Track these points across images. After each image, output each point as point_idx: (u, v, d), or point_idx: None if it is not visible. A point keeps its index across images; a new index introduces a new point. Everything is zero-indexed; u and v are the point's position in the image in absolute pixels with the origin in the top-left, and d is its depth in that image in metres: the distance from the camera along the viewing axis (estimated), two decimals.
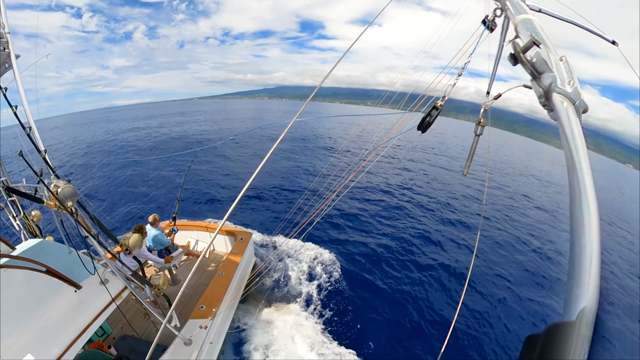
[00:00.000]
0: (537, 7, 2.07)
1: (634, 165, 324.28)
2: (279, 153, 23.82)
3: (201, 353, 4.91)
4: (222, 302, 5.90)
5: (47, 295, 3.40)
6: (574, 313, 0.81)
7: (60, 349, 3.19)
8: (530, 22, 1.67)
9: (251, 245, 8.35)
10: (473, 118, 2.69)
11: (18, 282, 3.11)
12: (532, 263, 11.21)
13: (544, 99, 1.50)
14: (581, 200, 1.02)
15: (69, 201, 3.09)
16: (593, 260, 0.89)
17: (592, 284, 0.85)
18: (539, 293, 9.19)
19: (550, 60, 1.45)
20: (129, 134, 39.76)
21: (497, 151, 49.40)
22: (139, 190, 16.63)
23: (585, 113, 1.33)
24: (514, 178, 28.70)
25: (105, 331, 5.39)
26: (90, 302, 3.78)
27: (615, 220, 19.97)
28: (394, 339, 7.08)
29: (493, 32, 2.42)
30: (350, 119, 61.29)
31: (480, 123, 2.35)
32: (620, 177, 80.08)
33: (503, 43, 2.57)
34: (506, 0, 1.93)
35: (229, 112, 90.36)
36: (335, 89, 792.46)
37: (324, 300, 8.03)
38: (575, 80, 1.37)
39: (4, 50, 3.80)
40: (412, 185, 19.21)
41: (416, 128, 2.91)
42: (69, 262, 3.91)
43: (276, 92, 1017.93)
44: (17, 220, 5.30)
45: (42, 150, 3.58)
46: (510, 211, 17.10)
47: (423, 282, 9.07)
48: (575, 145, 1.17)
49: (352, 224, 12.52)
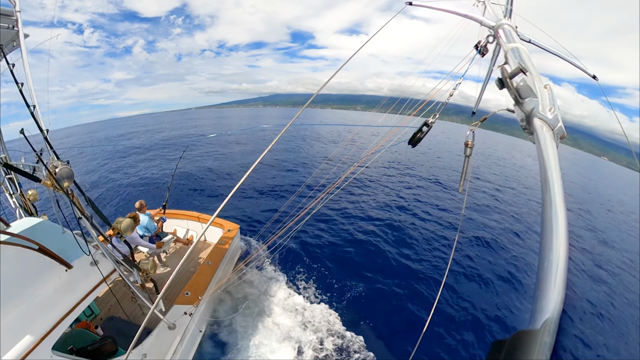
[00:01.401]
0: (527, 38, 2.14)
1: (609, 157, 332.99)
2: (273, 154, 23.73)
3: (184, 338, 4.86)
4: (207, 290, 5.87)
5: (38, 272, 3.32)
6: (538, 322, 0.85)
7: (48, 325, 3.13)
8: (519, 50, 1.73)
9: (237, 237, 8.34)
10: (457, 119, 2.74)
11: (9, 258, 3.04)
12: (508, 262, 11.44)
13: (525, 123, 1.55)
14: (551, 218, 1.06)
15: (66, 182, 3.03)
16: (559, 275, 0.93)
17: (556, 297, 0.89)
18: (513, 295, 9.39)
19: (535, 87, 1.50)
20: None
21: (481, 146, 50.55)
22: (130, 180, 16.39)
23: (562, 139, 1.38)
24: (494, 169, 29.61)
25: (94, 311, 5.30)
26: (80, 282, 3.71)
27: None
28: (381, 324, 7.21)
29: (483, 57, 2.49)
30: (345, 126, 61.72)
31: (468, 145, 2.40)
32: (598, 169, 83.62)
33: (492, 68, 2.64)
34: (499, 28, 1.99)
35: (227, 117, 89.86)
36: (327, 95, 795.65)
37: (306, 286, 8.13)
38: (556, 108, 1.41)
39: (13, 28, 3.72)
40: (400, 182, 19.44)
41: (407, 143, 2.95)
42: (61, 242, 3.84)
43: (270, 100, 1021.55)
44: (14, 198, 5.17)
45: (44, 130, 3.50)
46: (491, 200, 17.63)
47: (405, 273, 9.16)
48: (550, 168, 1.22)
49: (338, 220, 12.56)
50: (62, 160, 3.13)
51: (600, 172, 79.55)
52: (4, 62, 3.64)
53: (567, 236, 1.01)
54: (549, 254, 0.98)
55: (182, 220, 8.78)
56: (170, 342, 4.58)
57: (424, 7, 2.63)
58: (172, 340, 4.62)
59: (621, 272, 12.00)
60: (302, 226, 5.55)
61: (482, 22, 2.28)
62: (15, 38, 3.83)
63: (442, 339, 7.13)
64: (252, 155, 23.77)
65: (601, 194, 34.09)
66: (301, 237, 10.67)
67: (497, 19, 2.19)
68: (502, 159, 42.81)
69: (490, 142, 67.93)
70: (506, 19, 2.15)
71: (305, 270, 8.92)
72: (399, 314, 7.89)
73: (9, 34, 3.73)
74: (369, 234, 11.97)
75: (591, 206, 23.70)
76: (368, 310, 7.78)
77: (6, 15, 3.56)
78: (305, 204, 5.48)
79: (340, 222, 12.84)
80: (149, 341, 4.37)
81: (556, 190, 1.14)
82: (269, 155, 22.03)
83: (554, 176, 1.18)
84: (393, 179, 21.10)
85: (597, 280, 10.82)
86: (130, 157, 20.32)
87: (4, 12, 3.54)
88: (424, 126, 2.84)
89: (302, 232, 10.70)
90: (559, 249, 0.97)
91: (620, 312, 9.00)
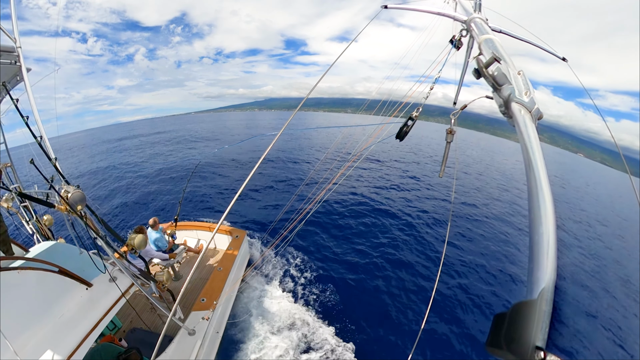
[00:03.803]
0: (498, 28, 2.14)
1: (584, 154, 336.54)
2: (270, 161, 23.66)
3: (204, 342, 4.84)
4: (222, 294, 5.84)
5: (60, 293, 3.29)
6: (535, 292, 0.84)
7: (75, 343, 3.09)
8: (492, 41, 1.73)
9: (245, 242, 8.31)
10: (441, 119, 2.76)
11: (32, 282, 3.01)
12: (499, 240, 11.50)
13: (504, 108, 1.54)
14: (537, 194, 1.06)
15: (79, 205, 3.00)
16: (550, 246, 0.93)
17: (550, 267, 0.88)
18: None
19: (509, 74, 1.50)
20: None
21: (462, 145, 50.73)
22: (142, 193, 16.32)
23: (540, 120, 1.38)
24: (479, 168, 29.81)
25: (116, 325, 5.26)
26: (101, 298, 3.67)
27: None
28: (377, 322, 7.14)
29: (459, 50, 2.49)
30: (334, 124, 61.93)
31: (451, 132, 2.40)
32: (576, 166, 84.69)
33: (468, 60, 2.65)
34: (471, 22, 1.99)
35: (226, 122, 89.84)
36: (319, 99, 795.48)
37: (311, 286, 8.09)
38: (531, 91, 1.41)
39: (15, 63, 3.68)
40: (391, 179, 19.45)
41: (395, 137, 2.94)
42: (79, 262, 3.80)
43: (265, 104, 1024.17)
44: (30, 224, 5.13)
45: (53, 158, 3.47)
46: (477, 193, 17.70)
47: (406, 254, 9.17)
48: (532, 147, 1.21)
49: (336, 221, 12.56)
50: (72, 184, 3.10)
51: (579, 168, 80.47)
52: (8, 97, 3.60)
53: (554, 209, 1.00)
54: (538, 227, 0.97)
55: (192, 231, 8.75)
56: (191, 347, 4.56)
57: (399, 8, 2.64)
58: (193, 345, 4.60)
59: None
60: (304, 225, 5.54)
61: (455, 18, 2.28)
62: (18, 73, 3.79)
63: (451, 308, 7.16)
64: (252, 162, 23.73)
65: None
66: (305, 236, 10.66)
67: (468, 13, 2.20)
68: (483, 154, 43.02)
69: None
70: (477, 12, 2.16)
71: (307, 268, 8.98)
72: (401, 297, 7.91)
73: (11, 70, 3.69)
74: (369, 226, 11.98)
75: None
76: (366, 304, 7.79)
77: (7, 52, 3.52)
78: (306, 204, 5.46)
79: (339, 217, 12.84)
80: (172, 348, 4.34)
81: (539, 167, 1.14)
82: (268, 158, 22.03)
83: (536, 154, 1.18)
84: (389, 176, 21.15)
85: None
86: (140, 178, 20.25)
87: (5, 49, 3.50)
88: (409, 120, 2.84)
89: (304, 232, 10.70)
90: (548, 221, 0.97)
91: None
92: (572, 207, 21.94)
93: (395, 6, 2.66)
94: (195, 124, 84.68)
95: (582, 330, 6.84)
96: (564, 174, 49.54)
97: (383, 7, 2.68)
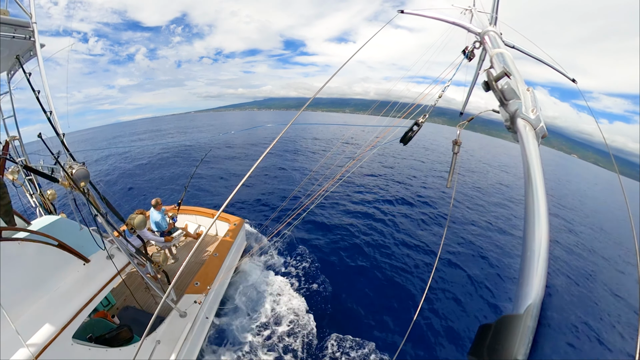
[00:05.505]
0: (512, 44, 2.13)
1: (578, 155, 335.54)
2: (273, 154, 23.67)
3: (194, 325, 4.88)
4: (215, 280, 5.88)
5: (58, 267, 3.33)
6: (522, 307, 0.85)
7: (69, 315, 3.13)
8: (504, 55, 1.73)
9: (243, 230, 8.35)
10: (440, 120, 2.75)
11: (32, 254, 3.04)
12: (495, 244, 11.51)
13: (509, 123, 1.55)
14: (534, 211, 1.07)
15: (82, 182, 3.02)
16: (540, 263, 0.93)
17: (538, 284, 0.89)
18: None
19: (518, 90, 1.50)
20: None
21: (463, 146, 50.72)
22: (150, 177, 16.41)
23: (544, 138, 1.39)
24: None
25: (110, 302, 5.31)
26: (97, 274, 3.71)
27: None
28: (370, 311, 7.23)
29: (471, 61, 2.48)
30: (337, 126, 61.85)
31: (457, 143, 2.39)
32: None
33: (479, 72, 2.63)
34: (485, 35, 1.98)
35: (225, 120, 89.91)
36: (317, 98, 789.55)
37: (306, 278, 8.14)
38: (538, 109, 1.42)
39: (29, 38, 3.68)
40: (390, 178, 19.47)
41: (399, 141, 2.94)
42: (79, 238, 3.84)
43: (264, 103, 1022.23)
44: (34, 198, 5.16)
45: (61, 134, 3.48)
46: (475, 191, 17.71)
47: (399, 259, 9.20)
48: (532, 165, 1.22)
49: (335, 216, 12.58)
50: (77, 161, 3.12)
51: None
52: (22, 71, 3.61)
53: (548, 227, 1.01)
54: (531, 243, 0.98)
55: (194, 216, 8.79)
56: (182, 329, 4.60)
57: (416, 15, 2.62)
58: (183, 327, 4.64)
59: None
60: (303, 219, 5.56)
61: (470, 29, 2.27)
62: (32, 48, 3.80)
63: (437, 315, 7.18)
64: (256, 154, 23.77)
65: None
66: (301, 228, 10.69)
67: (483, 26, 2.19)
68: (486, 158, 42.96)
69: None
70: (492, 26, 2.15)
71: (304, 260, 8.97)
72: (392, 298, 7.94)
73: (25, 45, 3.69)
74: (366, 224, 12.00)
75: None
76: (360, 296, 7.83)
77: (23, 27, 3.52)
78: (305, 199, 5.48)
79: (338, 214, 12.86)
80: (162, 328, 4.39)
81: (538, 185, 1.14)
82: (270, 154, 22.05)
83: (536, 172, 1.19)
84: (387, 176, 21.11)
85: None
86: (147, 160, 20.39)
87: (21, 24, 3.49)
88: (414, 125, 2.83)
89: (302, 225, 10.73)
90: (541, 239, 0.98)
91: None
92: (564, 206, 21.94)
93: (412, 12, 2.65)
94: (197, 121, 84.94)
95: (566, 350, 6.86)
96: (560, 177, 49.31)
97: (399, 12, 2.67)
